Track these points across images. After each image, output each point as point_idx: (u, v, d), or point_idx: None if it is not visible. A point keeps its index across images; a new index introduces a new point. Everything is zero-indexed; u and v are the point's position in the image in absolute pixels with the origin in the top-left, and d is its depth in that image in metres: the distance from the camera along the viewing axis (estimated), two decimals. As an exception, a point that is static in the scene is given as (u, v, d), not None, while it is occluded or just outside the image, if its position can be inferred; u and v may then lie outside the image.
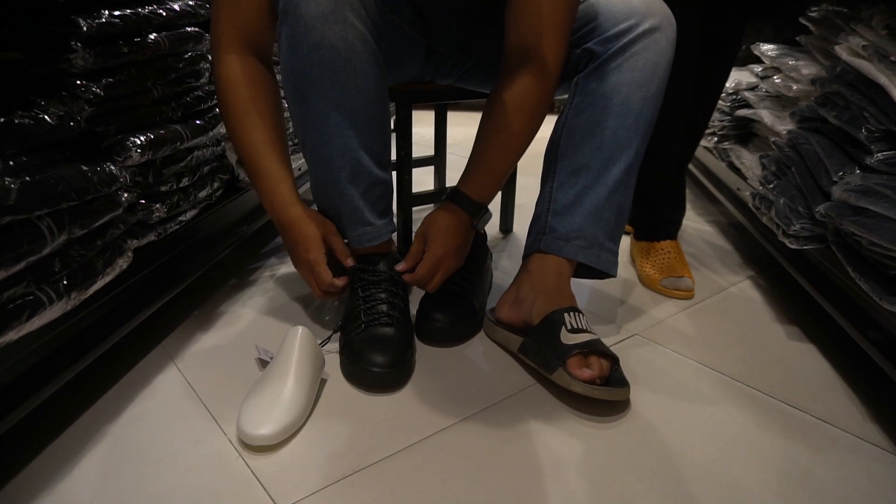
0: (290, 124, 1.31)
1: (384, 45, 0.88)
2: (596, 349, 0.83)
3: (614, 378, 0.83)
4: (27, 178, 0.65)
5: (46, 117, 0.71)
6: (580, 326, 0.86)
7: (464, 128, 3.05)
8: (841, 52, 1.02)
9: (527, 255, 1.00)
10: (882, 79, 0.89)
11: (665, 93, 0.94)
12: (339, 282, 0.93)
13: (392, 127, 1.41)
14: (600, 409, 0.81)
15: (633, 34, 0.90)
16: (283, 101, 0.92)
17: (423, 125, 2.95)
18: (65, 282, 0.71)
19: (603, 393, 0.79)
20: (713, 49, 1.20)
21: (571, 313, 0.88)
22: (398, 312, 0.93)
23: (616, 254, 0.98)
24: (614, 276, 0.99)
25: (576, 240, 0.95)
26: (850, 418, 0.81)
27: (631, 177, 0.96)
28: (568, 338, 0.84)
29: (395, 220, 0.99)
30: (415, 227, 1.42)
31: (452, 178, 1.69)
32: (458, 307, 1.00)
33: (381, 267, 0.94)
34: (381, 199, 0.94)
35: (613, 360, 0.84)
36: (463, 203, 0.96)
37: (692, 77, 1.18)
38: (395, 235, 0.99)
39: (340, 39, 0.79)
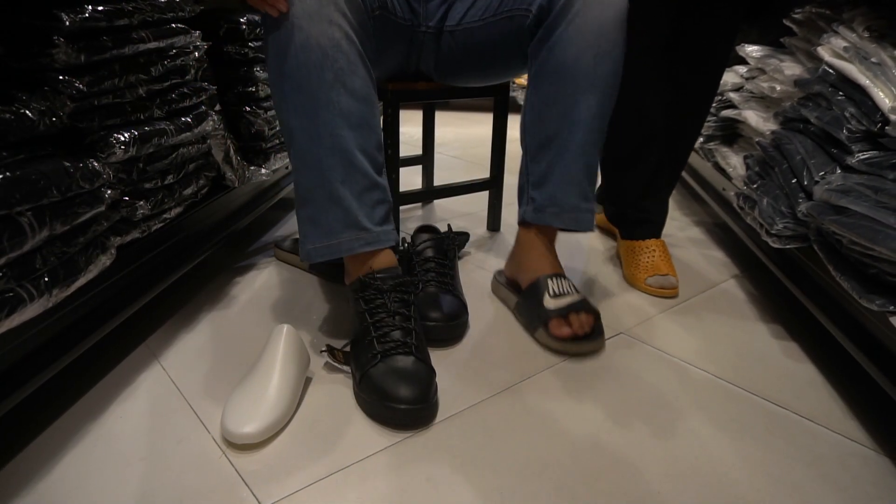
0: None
1: (370, 45, 0.87)
2: (575, 308, 0.93)
3: (596, 331, 0.95)
4: (7, 174, 0.65)
5: (28, 112, 0.71)
6: (562, 290, 0.96)
7: (452, 127, 3.06)
8: (823, 53, 1.03)
9: (519, 225, 1.10)
10: (863, 80, 0.90)
11: (636, 95, 0.96)
12: None
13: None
14: (585, 405, 0.82)
15: None
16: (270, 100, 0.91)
17: (410, 124, 2.95)
18: (46, 278, 0.70)
19: (575, 347, 0.92)
20: (700, 53, 1.21)
21: (554, 279, 0.99)
22: (414, 338, 0.84)
23: (592, 210, 1.04)
24: (592, 231, 1.09)
25: (551, 207, 1.02)
26: (832, 415, 0.82)
27: (597, 136, 0.99)
28: (550, 302, 0.96)
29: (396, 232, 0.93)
30: (402, 226, 1.42)
31: (440, 178, 1.70)
32: (452, 307, 0.99)
33: (388, 281, 0.86)
34: (380, 205, 0.89)
35: (595, 316, 0.95)
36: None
37: (664, 76, 1.19)
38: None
39: (327, 38, 0.79)
